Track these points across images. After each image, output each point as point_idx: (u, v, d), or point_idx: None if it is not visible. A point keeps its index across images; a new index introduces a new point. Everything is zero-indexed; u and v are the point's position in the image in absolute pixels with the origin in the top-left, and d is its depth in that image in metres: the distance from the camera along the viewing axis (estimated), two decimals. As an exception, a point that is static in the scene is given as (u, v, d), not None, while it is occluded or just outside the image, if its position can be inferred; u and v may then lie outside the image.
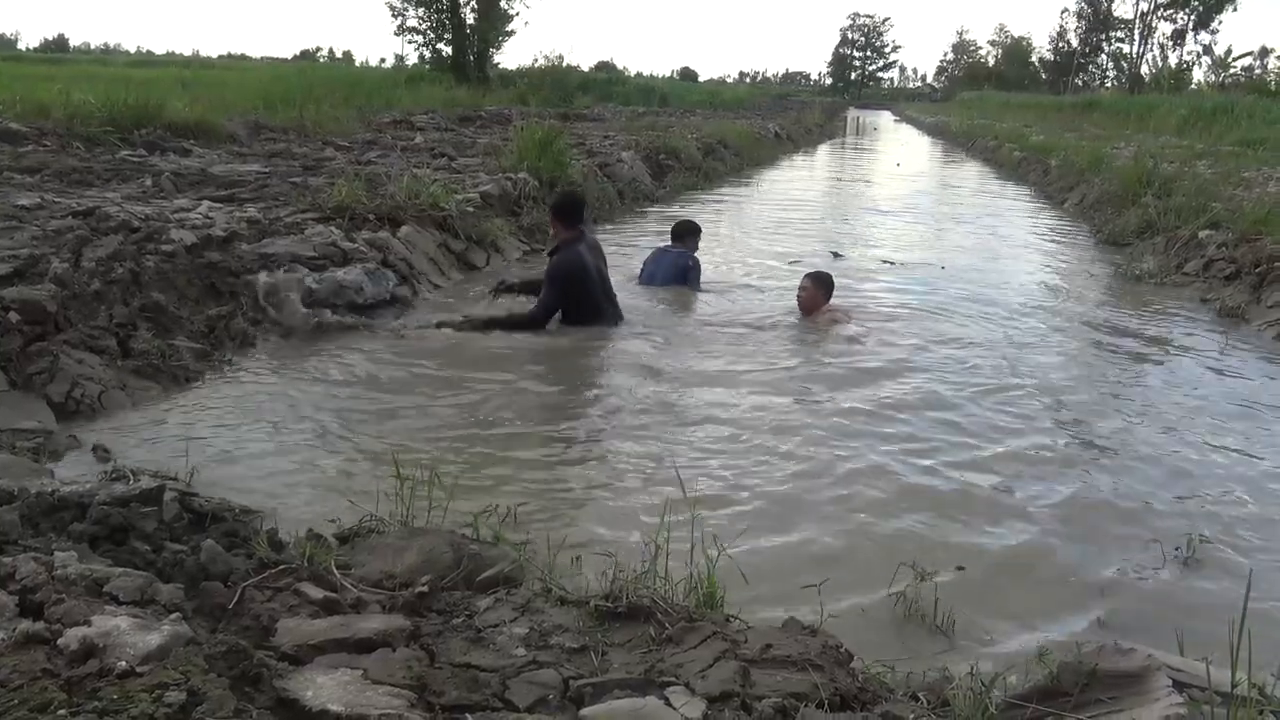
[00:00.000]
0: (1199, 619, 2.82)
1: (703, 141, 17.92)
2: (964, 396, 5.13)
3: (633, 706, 1.97)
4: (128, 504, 2.71)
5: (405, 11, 31.19)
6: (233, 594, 2.37)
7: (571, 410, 4.70)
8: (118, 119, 10.55)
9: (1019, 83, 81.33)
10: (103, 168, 8.41)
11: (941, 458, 4.29)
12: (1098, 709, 2.01)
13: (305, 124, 13.75)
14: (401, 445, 4.01)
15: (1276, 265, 7.34)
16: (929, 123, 50.75)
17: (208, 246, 5.82)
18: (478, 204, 8.48)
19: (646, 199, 12.87)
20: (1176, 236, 9.50)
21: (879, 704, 2.14)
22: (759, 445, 4.30)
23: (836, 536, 3.50)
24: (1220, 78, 53.11)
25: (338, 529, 3.04)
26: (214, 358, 4.98)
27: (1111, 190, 12.68)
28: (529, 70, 30.67)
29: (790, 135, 29.02)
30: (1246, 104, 25.26)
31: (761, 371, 5.46)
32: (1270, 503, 3.95)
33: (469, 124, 17.79)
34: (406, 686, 1.95)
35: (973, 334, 6.51)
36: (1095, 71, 73.15)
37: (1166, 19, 58.62)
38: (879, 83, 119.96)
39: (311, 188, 8.03)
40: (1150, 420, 4.93)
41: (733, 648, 2.23)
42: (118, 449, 3.76)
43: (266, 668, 1.91)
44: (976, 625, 2.92)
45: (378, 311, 6.09)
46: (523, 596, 2.51)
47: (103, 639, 1.87)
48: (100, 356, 4.47)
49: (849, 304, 6.89)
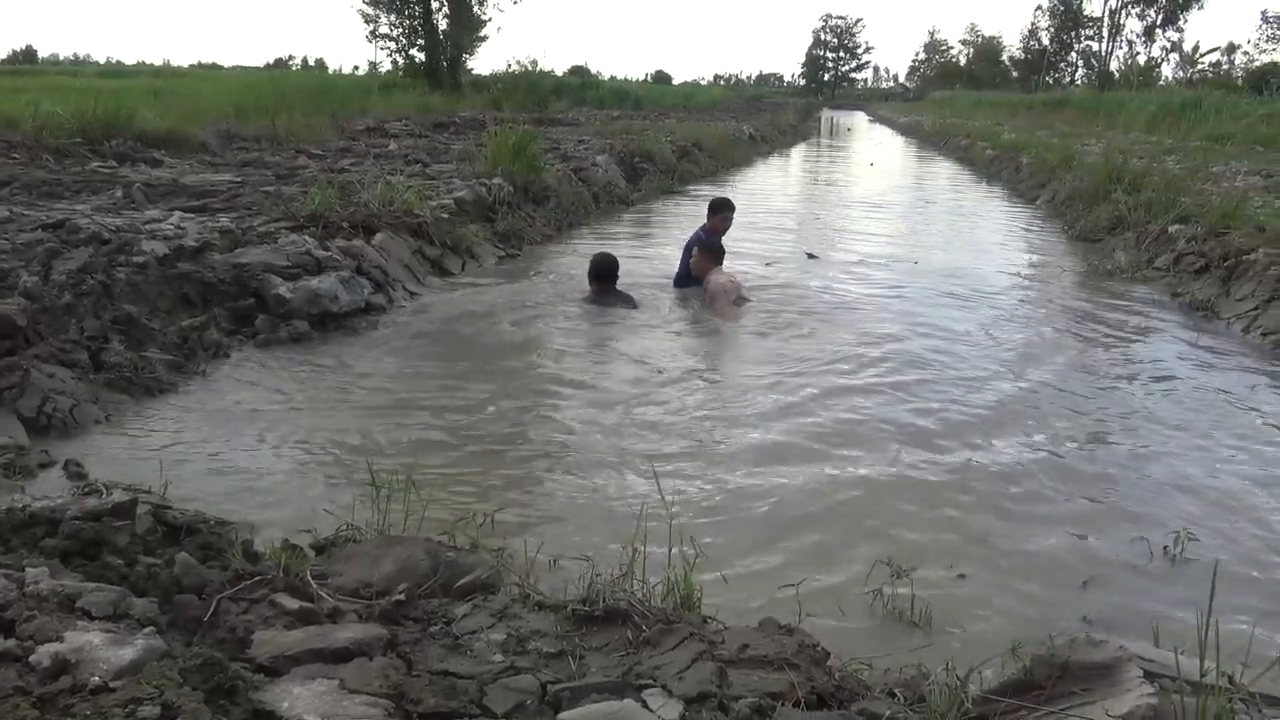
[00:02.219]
0: (1187, 613, 2.84)
1: (677, 144, 17.94)
2: (938, 393, 5.17)
3: (610, 710, 1.97)
4: (100, 518, 2.70)
5: (378, 18, 31.09)
6: (208, 606, 2.36)
7: (546, 417, 4.69)
8: (87, 130, 10.47)
9: (990, 81, 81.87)
10: (72, 179, 8.35)
11: (917, 454, 4.32)
12: (1071, 701, 2.04)
13: (278, 132, 13.68)
14: (378, 454, 4.00)
15: (1245, 259, 7.43)
16: (902, 122, 51.01)
17: (180, 257, 5.79)
18: (452, 210, 8.46)
19: (621, 202, 12.89)
20: (1147, 232, 9.60)
21: (856, 701, 2.16)
22: (735, 446, 4.32)
23: (814, 535, 3.52)
24: (1188, 74, 53.65)
25: (314, 538, 3.03)
26: (187, 369, 4.95)
27: (1082, 187, 12.79)
28: (503, 75, 30.64)
29: (765, 137, 29.10)
30: (1214, 100, 25.50)
31: (734, 369, 5.48)
32: (1249, 496, 3.99)
33: (443, 130, 17.74)
34: (384, 695, 1.95)
35: (946, 330, 6.55)
36: (1066, 69, 73.76)
37: (1136, 15, 59.21)
38: (852, 83, 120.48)
39: (285, 196, 7.99)
40: (1125, 415, 4.98)
41: (710, 649, 2.24)
42: (90, 463, 3.73)
43: (242, 680, 1.90)
44: (954, 621, 2.94)
45: (353, 319, 6.07)
46: (500, 602, 2.51)
47: (75, 655, 1.86)
48: (72, 370, 4.43)
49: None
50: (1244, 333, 6.64)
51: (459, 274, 7.80)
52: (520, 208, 9.93)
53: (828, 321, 6.68)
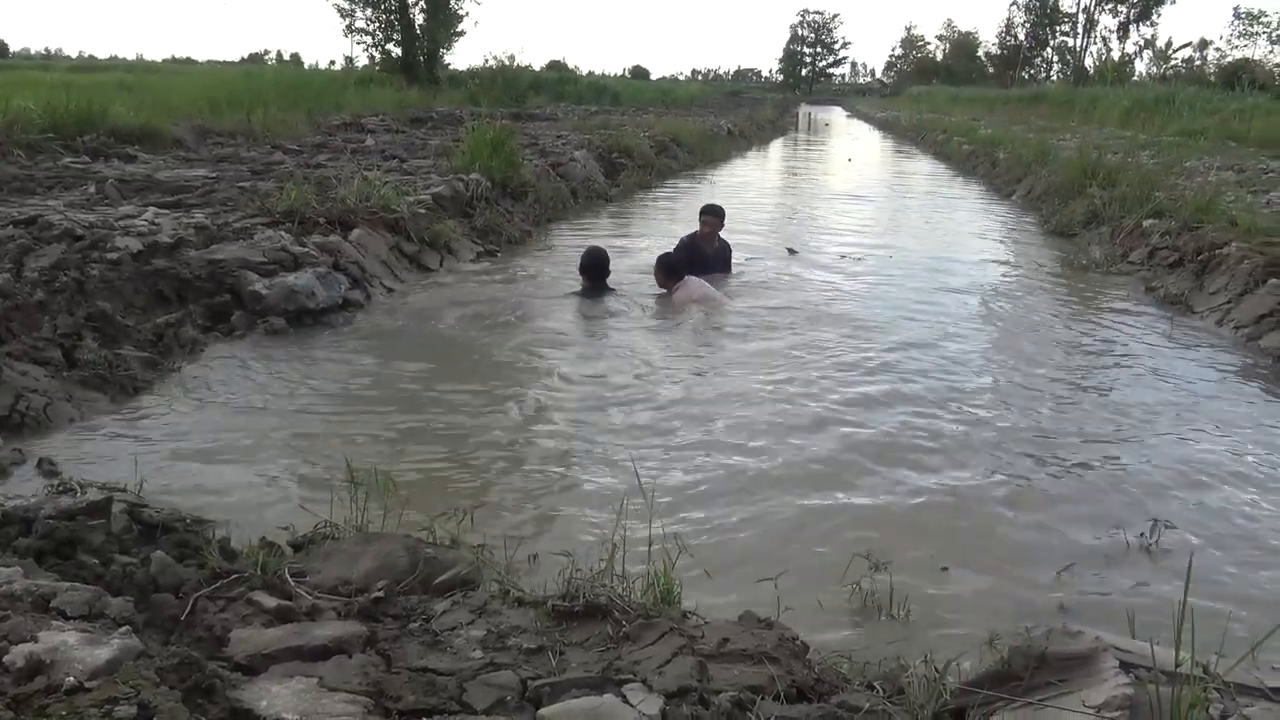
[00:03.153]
0: (1164, 603, 2.87)
1: (656, 139, 17.95)
2: (915, 387, 5.19)
3: (590, 705, 1.97)
4: (74, 517, 2.67)
5: (353, 12, 30.89)
6: (185, 605, 2.34)
7: (526, 412, 4.68)
8: (60, 125, 10.35)
9: (966, 77, 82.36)
10: (45, 175, 8.26)
11: (895, 447, 4.34)
12: (1048, 691, 2.05)
13: (253, 128, 13.58)
14: (355, 451, 3.98)
15: (1218, 253, 7.50)
16: (880, 118, 51.21)
17: (155, 254, 5.73)
18: (430, 206, 8.42)
19: (600, 198, 12.87)
20: (1121, 226, 9.67)
21: (836, 694, 2.16)
22: (713, 441, 4.33)
23: (792, 529, 3.53)
24: (1161, 70, 54.13)
25: (292, 536, 3.01)
26: (163, 366, 4.90)
27: (1058, 181, 12.86)
28: (480, 70, 30.47)
29: (743, 132, 29.15)
30: (1187, 95, 25.73)
31: (713, 365, 5.49)
32: (1223, 486, 4.03)
33: (420, 125, 17.66)
34: (363, 693, 1.94)
35: (924, 325, 6.58)
36: (1041, 65, 74.25)
37: (1109, 11, 59.63)
38: (830, 79, 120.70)
39: (260, 192, 7.93)
40: (1101, 408, 5.02)
41: (690, 643, 2.24)
42: (64, 462, 3.70)
43: (219, 679, 1.89)
44: (932, 613, 2.96)
45: (330, 316, 6.04)
46: (480, 599, 2.51)
47: (50, 655, 1.84)
48: (45, 368, 4.39)
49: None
50: (1218, 325, 6.71)
51: (437, 269, 7.77)
52: (498, 203, 9.90)
53: (808, 317, 6.70)
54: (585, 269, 7.01)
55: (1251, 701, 1.99)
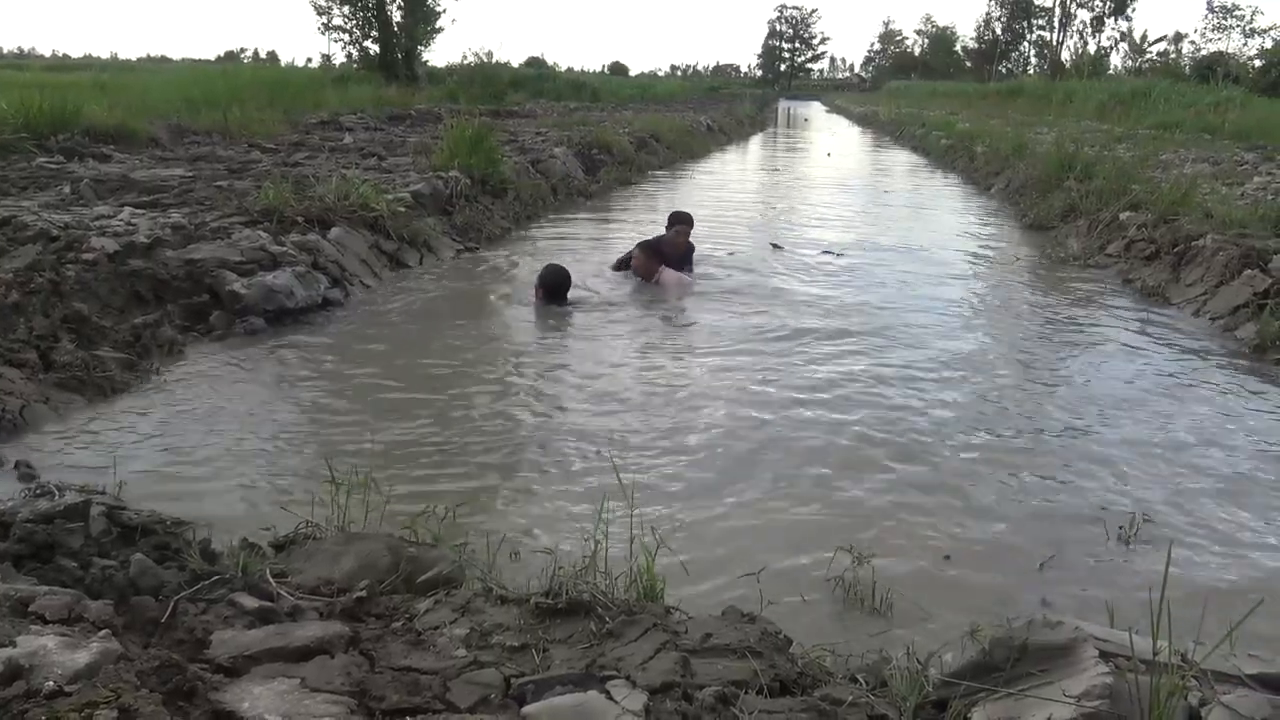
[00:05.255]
0: (1143, 593, 2.88)
1: (635, 136, 17.94)
2: (898, 379, 5.21)
3: (574, 702, 1.97)
4: (52, 520, 2.65)
5: (330, 10, 30.73)
6: (165, 607, 2.32)
7: (506, 410, 4.67)
8: (33, 125, 10.23)
9: (944, 71, 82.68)
10: (18, 176, 8.17)
11: (878, 440, 4.36)
12: (1029, 682, 2.06)
13: (230, 126, 13.47)
14: (336, 450, 3.96)
15: (1194, 245, 7.56)
16: (858, 112, 51.34)
17: (131, 254, 5.69)
18: (409, 204, 8.39)
19: (580, 194, 12.85)
20: (1098, 219, 9.74)
21: (819, 688, 2.17)
22: (695, 436, 4.33)
23: (774, 522, 3.54)
24: (1137, 63, 54.50)
25: (273, 537, 2.99)
26: (141, 367, 4.86)
27: (1035, 175, 12.92)
28: (458, 68, 30.48)
29: (722, 128, 29.16)
30: (1163, 88, 25.94)
31: (695, 359, 5.50)
32: (1202, 477, 4.07)
33: (399, 123, 17.58)
34: (346, 693, 1.93)
35: (904, 319, 6.61)
36: (1018, 59, 74.65)
37: (1084, 6, 59.95)
38: (808, 74, 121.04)
39: (238, 191, 7.88)
40: (1080, 400, 5.05)
41: (673, 639, 2.24)
42: (42, 465, 3.67)
43: (201, 681, 1.88)
44: (914, 606, 2.97)
45: (309, 315, 6.01)
46: (463, 597, 2.50)
47: (29, 659, 1.83)
48: (21, 370, 4.34)
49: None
50: (1194, 316, 6.77)
51: (417, 268, 7.75)
52: (478, 201, 9.87)
53: (791, 309, 6.72)
54: (546, 288, 6.66)
55: (1229, 689, 2.01)
